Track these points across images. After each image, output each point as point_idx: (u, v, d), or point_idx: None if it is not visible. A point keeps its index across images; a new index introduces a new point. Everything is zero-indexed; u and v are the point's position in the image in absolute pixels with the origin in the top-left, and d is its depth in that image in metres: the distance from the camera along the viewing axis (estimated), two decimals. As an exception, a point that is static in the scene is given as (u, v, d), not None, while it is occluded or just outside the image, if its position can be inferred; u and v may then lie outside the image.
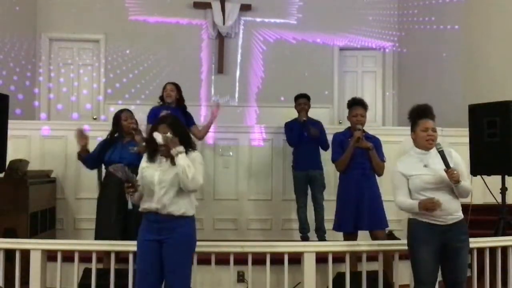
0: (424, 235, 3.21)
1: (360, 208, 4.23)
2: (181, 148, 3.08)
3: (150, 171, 3.12)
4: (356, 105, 4.41)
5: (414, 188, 3.25)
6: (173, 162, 3.10)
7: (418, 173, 3.24)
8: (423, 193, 3.21)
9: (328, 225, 5.62)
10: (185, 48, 8.20)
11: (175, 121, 3.23)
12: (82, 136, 4.42)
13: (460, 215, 3.28)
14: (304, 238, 5.54)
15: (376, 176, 4.41)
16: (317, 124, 5.70)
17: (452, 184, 3.17)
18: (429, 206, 3.12)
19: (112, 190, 4.19)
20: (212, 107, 5.17)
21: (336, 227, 4.46)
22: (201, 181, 3.12)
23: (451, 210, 3.23)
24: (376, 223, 4.25)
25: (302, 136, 5.50)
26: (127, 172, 3.07)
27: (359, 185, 4.26)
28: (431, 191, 3.20)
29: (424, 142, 3.29)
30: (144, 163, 3.20)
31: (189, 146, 3.17)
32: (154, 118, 4.41)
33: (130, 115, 4.50)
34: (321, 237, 5.48)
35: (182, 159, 3.05)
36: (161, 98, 5.23)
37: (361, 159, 4.29)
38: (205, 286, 4.05)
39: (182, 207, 3.11)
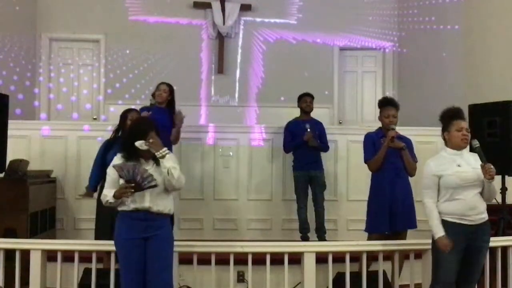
0: (452, 236, 3.22)
1: (394, 208, 4.20)
2: (166, 150, 3.15)
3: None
4: (388, 105, 4.40)
5: (449, 185, 3.26)
6: (156, 162, 3.16)
7: (453, 171, 3.26)
8: (458, 191, 3.24)
9: (327, 225, 5.64)
10: (185, 48, 8.21)
11: (156, 126, 3.26)
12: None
13: (486, 216, 3.31)
14: (304, 238, 5.53)
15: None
16: (319, 125, 5.69)
17: (486, 180, 3.22)
18: (442, 247, 3.22)
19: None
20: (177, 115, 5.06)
21: (371, 228, 4.36)
22: (184, 180, 3.22)
23: (481, 210, 3.27)
24: (408, 223, 4.24)
25: (302, 142, 5.49)
26: (136, 172, 3.03)
27: (392, 185, 4.23)
28: (465, 188, 3.23)
29: (459, 141, 3.34)
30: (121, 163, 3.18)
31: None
32: None
33: (135, 115, 4.49)
34: (321, 237, 5.47)
35: (167, 161, 3.13)
36: (153, 96, 5.24)
37: (394, 158, 4.26)
38: (205, 286, 4.05)
39: (168, 204, 3.22)
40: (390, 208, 4.21)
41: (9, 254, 3.77)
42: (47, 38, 8.18)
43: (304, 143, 5.47)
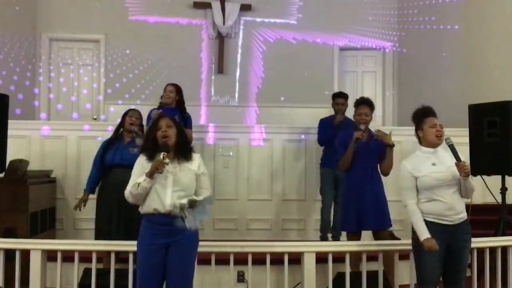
0: (431, 236, 3.20)
1: (363, 208, 4.20)
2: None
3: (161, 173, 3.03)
4: (362, 104, 4.40)
5: (424, 186, 3.25)
6: (180, 162, 3.08)
7: (428, 171, 3.25)
8: (434, 191, 3.22)
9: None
10: (185, 48, 8.20)
11: (172, 117, 3.26)
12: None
13: (465, 215, 3.31)
14: (324, 238, 5.46)
15: (381, 176, 4.37)
16: (352, 124, 5.60)
17: (461, 178, 3.20)
18: (429, 249, 3.16)
19: (110, 192, 4.21)
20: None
21: (340, 226, 4.49)
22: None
23: (459, 210, 3.26)
24: (379, 223, 4.22)
25: (335, 136, 5.37)
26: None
27: (361, 185, 4.23)
28: (441, 189, 3.22)
29: (433, 137, 3.31)
30: (145, 162, 3.09)
31: (188, 150, 3.15)
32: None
33: (134, 114, 4.49)
34: (336, 237, 5.42)
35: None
36: (162, 97, 5.23)
37: (365, 159, 4.26)
38: (205, 286, 4.06)
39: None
40: (358, 208, 4.20)
41: (9, 254, 3.77)
42: (47, 38, 8.17)
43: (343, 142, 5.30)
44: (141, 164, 3.12)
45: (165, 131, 3.09)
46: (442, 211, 3.20)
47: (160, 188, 3.03)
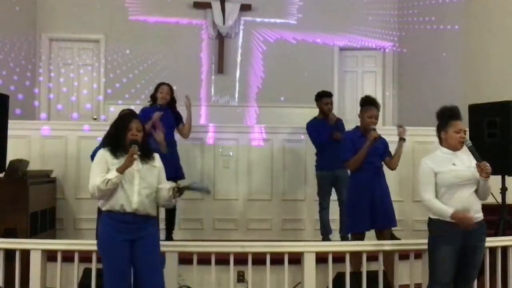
0: (448, 235, 3.23)
1: (374, 207, 4.22)
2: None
3: (128, 170, 3.10)
4: (372, 105, 4.39)
5: (444, 183, 3.26)
6: (144, 161, 3.18)
7: (449, 169, 3.27)
8: (454, 190, 3.24)
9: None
10: (185, 48, 8.21)
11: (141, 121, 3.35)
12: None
13: (481, 215, 3.33)
14: (326, 240, 5.40)
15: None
16: (340, 122, 5.55)
17: (481, 179, 3.23)
18: (464, 222, 3.17)
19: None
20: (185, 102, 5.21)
21: (351, 228, 4.42)
22: None
23: (476, 209, 3.28)
24: (388, 222, 4.28)
25: (331, 136, 5.28)
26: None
27: (371, 185, 4.26)
28: (461, 188, 3.24)
29: (457, 143, 3.35)
30: (110, 158, 3.15)
31: (150, 152, 3.29)
32: (145, 118, 4.44)
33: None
34: (344, 237, 5.38)
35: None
36: (152, 97, 5.23)
37: (372, 158, 4.28)
38: (205, 286, 4.05)
39: (154, 207, 3.25)
40: (371, 207, 4.22)
41: (9, 254, 3.77)
42: (47, 38, 8.18)
43: (331, 139, 5.22)
44: (105, 159, 3.17)
45: (136, 135, 3.18)
46: (461, 210, 3.21)
47: (127, 186, 3.11)
